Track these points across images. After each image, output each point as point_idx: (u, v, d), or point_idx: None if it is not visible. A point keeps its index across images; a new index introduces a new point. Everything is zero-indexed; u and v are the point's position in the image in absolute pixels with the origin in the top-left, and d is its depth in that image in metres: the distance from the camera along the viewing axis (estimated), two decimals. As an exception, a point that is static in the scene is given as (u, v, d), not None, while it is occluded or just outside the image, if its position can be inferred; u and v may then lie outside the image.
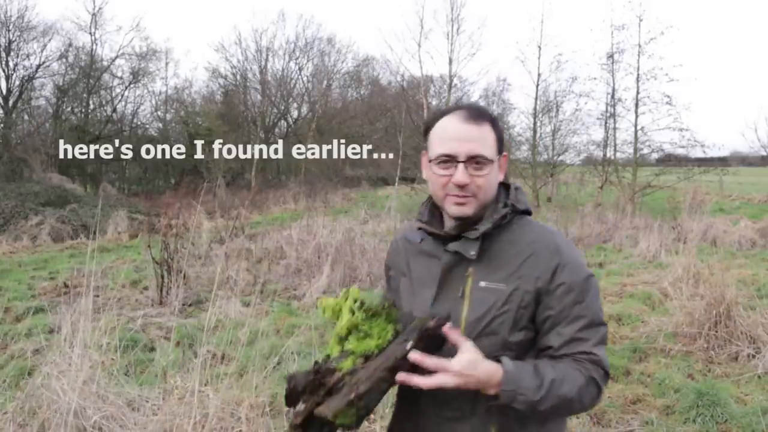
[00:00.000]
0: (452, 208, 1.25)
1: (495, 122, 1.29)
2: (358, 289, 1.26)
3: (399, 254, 1.43)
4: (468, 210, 1.25)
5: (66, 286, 6.86)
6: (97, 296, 5.01)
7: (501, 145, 1.30)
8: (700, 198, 14.32)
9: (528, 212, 1.32)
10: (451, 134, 1.25)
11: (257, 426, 2.90)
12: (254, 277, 6.98)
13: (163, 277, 6.16)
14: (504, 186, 1.35)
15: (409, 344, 1.10)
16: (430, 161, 1.29)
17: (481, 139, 1.24)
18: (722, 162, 24.48)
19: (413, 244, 1.39)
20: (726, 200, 17.87)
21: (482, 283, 1.24)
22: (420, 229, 1.34)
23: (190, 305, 5.99)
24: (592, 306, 1.23)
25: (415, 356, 1.10)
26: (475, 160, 1.23)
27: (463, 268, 1.27)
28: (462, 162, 1.22)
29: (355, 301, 1.23)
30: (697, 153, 15.51)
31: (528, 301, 1.22)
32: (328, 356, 1.21)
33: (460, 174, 1.22)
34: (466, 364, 1.11)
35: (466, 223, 1.27)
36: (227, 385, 3.05)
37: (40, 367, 3.08)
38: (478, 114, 1.27)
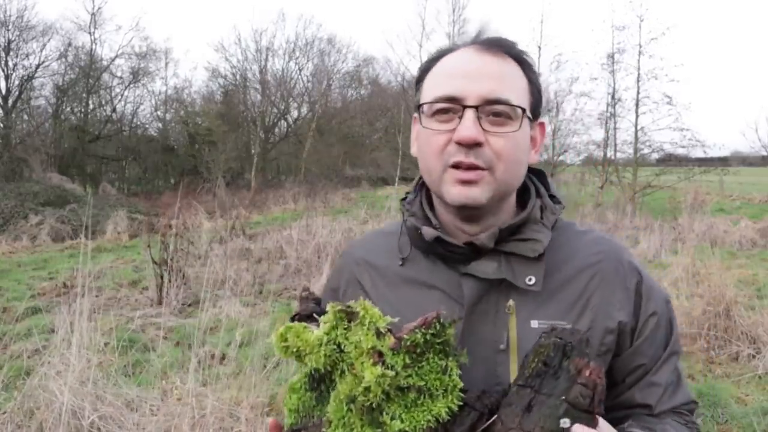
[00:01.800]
0: (453, 190, 0.78)
1: (527, 65, 0.83)
2: (375, 309, 0.69)
3: (356, 288, 0.90)
4: (479, 194, 0.77)
5: (65, 286, 6.85)
6: (97, 296, 5.01)
7: (536, 103, 0.83)
8: (700, 198, 14.28)
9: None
10: (457, 69, 0.79)
11: (256, 426, 2.89)
12: (254, 277, 6.97)
13: (162, 277, 6.15)
14: (535, 173, 0.91)
15: (568, 423, 0.65)
16: (421, 116, 0.82)
17: (502, 78, 0.79)
18: (723, 162, 24.49)
19: (386, 269, 0.88)
20: (726, 200, 17.81)
21: (534, 323, 0.79)
22: (438, 239, 0.81)
23: (189, 305, 5.98)
24: (677, 336, 0.88)
25: None
26: (494, 109, 0.77)
27: (494, 302, 0.80)
28: (472, 107, 0.76)
29: (380, 334, 0.66)
30: (697, 153, 15.51)
31: (609, 344, 0.81)
32: None
33: (468, 125, 0.75)
34: None
35: (504, 231, 0.80)
36: (226, 385, 3.05)
37: (38, 367, 3.07)
38: (498, 43, 0.82)
